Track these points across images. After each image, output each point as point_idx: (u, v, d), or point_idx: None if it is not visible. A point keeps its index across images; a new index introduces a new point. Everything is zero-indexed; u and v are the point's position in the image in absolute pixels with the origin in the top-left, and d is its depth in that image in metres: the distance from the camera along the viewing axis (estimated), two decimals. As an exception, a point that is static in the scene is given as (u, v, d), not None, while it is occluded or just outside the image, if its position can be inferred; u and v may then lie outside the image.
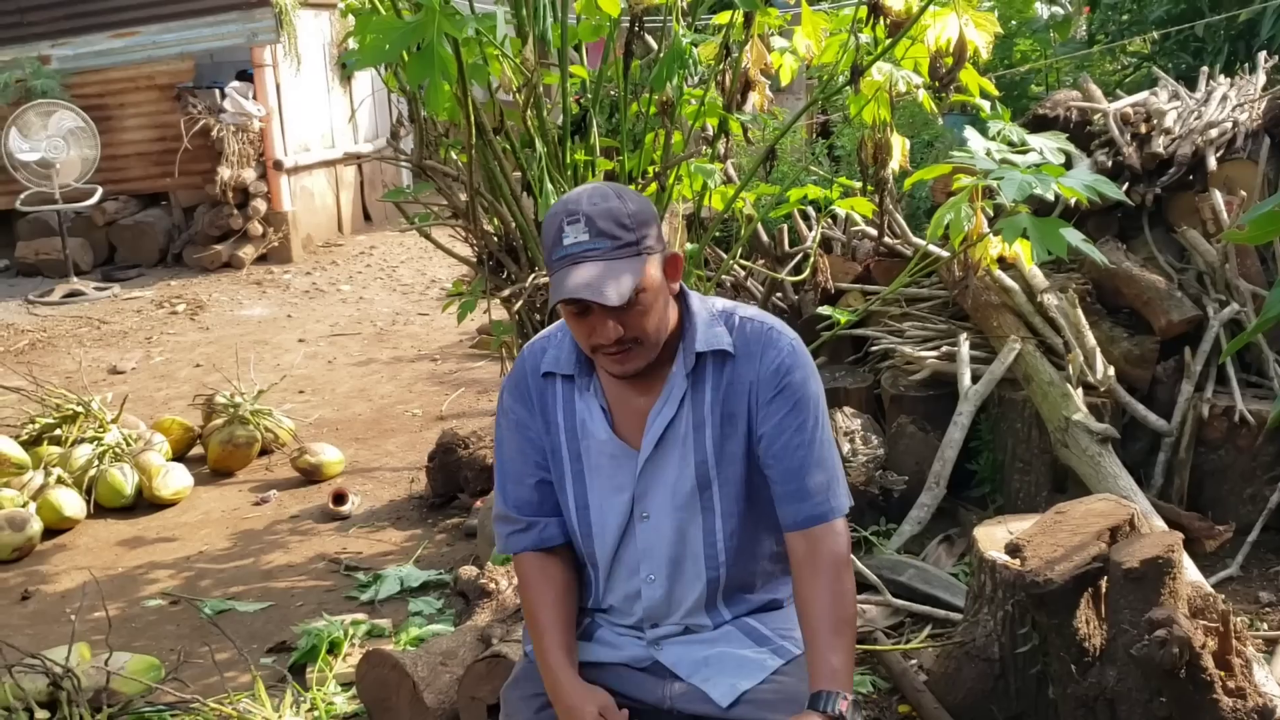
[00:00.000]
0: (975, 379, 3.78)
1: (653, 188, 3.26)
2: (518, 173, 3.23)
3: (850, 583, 1.80)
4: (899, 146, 3.22)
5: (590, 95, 3.26)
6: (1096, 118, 4.30)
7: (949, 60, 2.95)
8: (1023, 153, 2.91)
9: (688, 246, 3.40)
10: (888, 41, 2.96)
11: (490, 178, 3.18)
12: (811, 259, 3.76)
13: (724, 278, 4.17)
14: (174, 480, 4.63)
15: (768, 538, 1.89)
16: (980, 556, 2.67)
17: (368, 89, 10.12)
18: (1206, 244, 3.89)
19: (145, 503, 4.59)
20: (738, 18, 3.07)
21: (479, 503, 4.08)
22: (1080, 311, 3.72)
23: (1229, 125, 4.11)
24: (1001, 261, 3.25)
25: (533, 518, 1.91)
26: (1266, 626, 3.07)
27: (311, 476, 4.79)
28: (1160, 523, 3.18)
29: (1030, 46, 7.34)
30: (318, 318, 7.92)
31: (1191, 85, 4.73)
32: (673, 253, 1.82)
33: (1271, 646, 2.88)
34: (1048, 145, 2.93)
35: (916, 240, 4.12)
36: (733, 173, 3.96)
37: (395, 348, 7.02)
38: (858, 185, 3.41)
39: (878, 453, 3.75)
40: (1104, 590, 2.45)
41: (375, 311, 8.02)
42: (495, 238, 3.37)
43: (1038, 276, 3.83)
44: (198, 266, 9.47)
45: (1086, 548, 2.41)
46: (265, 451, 5.11)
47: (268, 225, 9.63)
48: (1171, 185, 4.02)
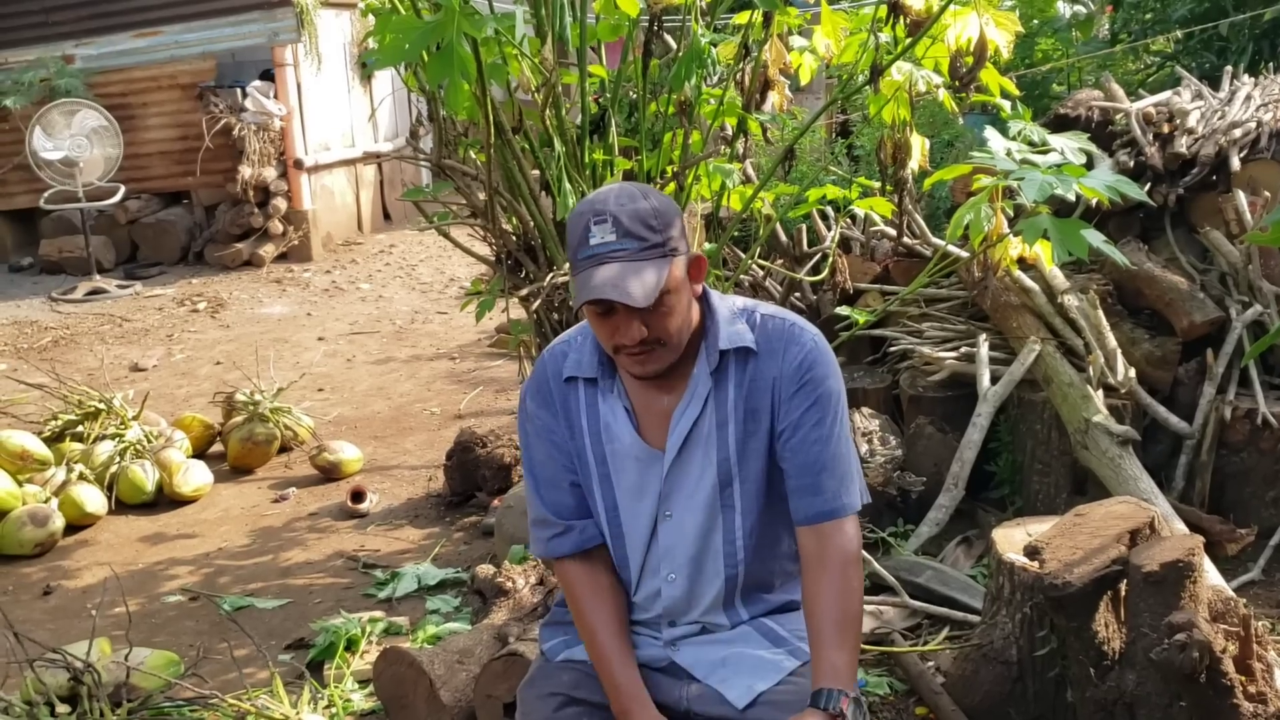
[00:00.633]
0: (994, 380, 3.76)
1: (671, 187, 3.26)
2: (536, 172, 3.24)
3: (858, 581, 1.79)
4: (918, 146, 3.20)
5: (609, 95, 3.26)
6: (1118, 117, 4.27)
7: (969, 59, 2.94)
8: (1044, 153, 2.90)
9: (706, 246, 3.40)
10: (908, 41, 2.95)
11: (509, 177, 3.19)
12: (830, 259, 3.75)
13: (742, 277, 4.16)
14: (194, 477, 4.66)
15: (786, 535, 1.89)
16: (999, 558, 2.66)
17: (388, 88, 10.15)
18: (1229, 245, 3.86)
19: (166, 499, 4.62)
20: (757, 17, 3.07)
21: (497, 501, 4.09)
22: (1101, 312, 3.70)
23: (1253, 125, 4.07)
24: (1021, 262, 3.23)
25: (571, 520, 1.90)
26: (1289, 631, 3.04)
27: (330, 474, 4.81)
28: (1181, 526, 3.15)
29: (1052, 45, 7.30)
30: (337, 316, 7.95)
31: (1215, 85, 4.69)
32: (696, 254, 1.82)
33: (1293, 651, 2.85)
34: (1069, 145, 2.92)
35: (936, 240, 4.10)
36: (751, 172, 3.95)
37: (414, 346, 7.04)
38: (877, 185, 3.40)
39: (896, 453, 3.73)
40: (1123, 593, 2.43)
41: (394, 310, 8.05)
42: (514, 237, 3.38)
43: (1058, 277, 3.81)
44: (219, 265, 9.52)
45: (1106, 550, 2.39)
46: (284, 449, 5.13)
47: (288, 224, 9.67)
48: (1194, 186, 3.99)
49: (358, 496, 4.45)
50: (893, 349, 4.15)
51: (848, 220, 4.46)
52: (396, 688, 2.80)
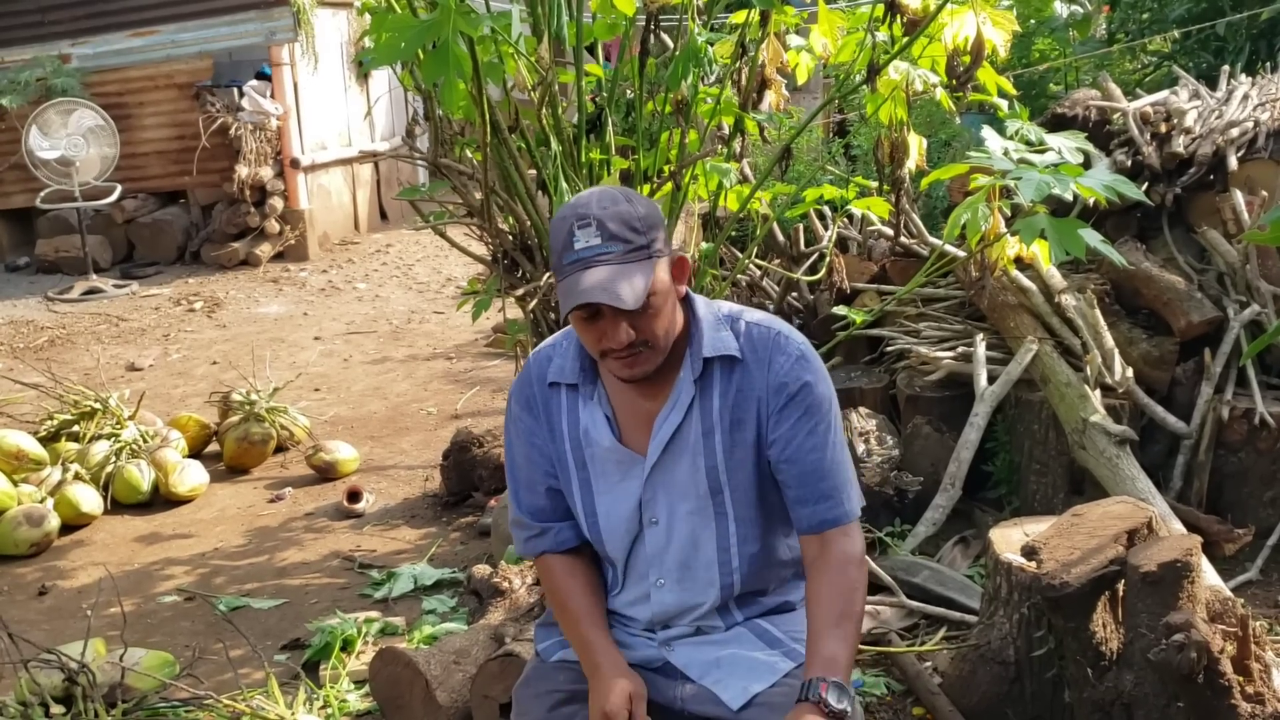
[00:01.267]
0: (992, 380, 3.75)
1: (668, 187, 3.25)
2: (533, 171, 3.23)
3: (860, 581, 1.78)
4: (915, 146, 3.20)
5: (606, 94, 3.25)
6: (1116, 117, 4.26)
7: (966, 59, 2.94)
8: (1041, 152, 2.89)
9: (703, 246, 3.39)
10: (905, 40, 2.94)
11: (505, 176, 3.18)
12: (827, 259, 3.74)
13: (739, 277, 4.15)
14: (190, 477, 4.65)
15: (781, 542, 1.89)
16: (996, 559, 2.65)
17: (385, 87, 10.14)
18: (1227, 244, 3.86)
19: (161, 499, 4.61)
20: (754, 16, 3.06)
21: (493, 501, 4.09)
22: (1098, 312, 3.69)
23: (1250, 125, 4.07)
24: (1019, 262, 3.23)
25: (546, 523, 1.92)
26: (1286, 631, 3.04)
27: (326, 474, 4.80)
28: (1179, 526, 3.15)
29: (1049, 45, 7.30)
30: (334, 316, 7.94)
31: (1212, 84, 4.68)
32: (680, 255, 1.82)
33: (1291, 651, 2.85)
34: (1066, 145, 2.91)
35: (933, 240, 4.10)
36: (748, 172, 3.95)
37: (411, 346, 7.03)
38: (874, 185, 3.39)
39: (893, 453, 3.73)
40: (1121, 594, 2.43)
41: (391, 310, 8.04)
42: (510, 236, 3.37)
43: (1055, 277, 3.81)
44: (215, 264, 9.51)
45: (1103, 550, 2.39)
46: (281, 449, 5.13)
47: (284, 223, 9.66)
48: (1191, 185, 3.98)
49: (354, 496, 4.44)
50: (890, 349, 4.15)
51: (845, 220, 4.45)
52: (392, 688, 2.79)
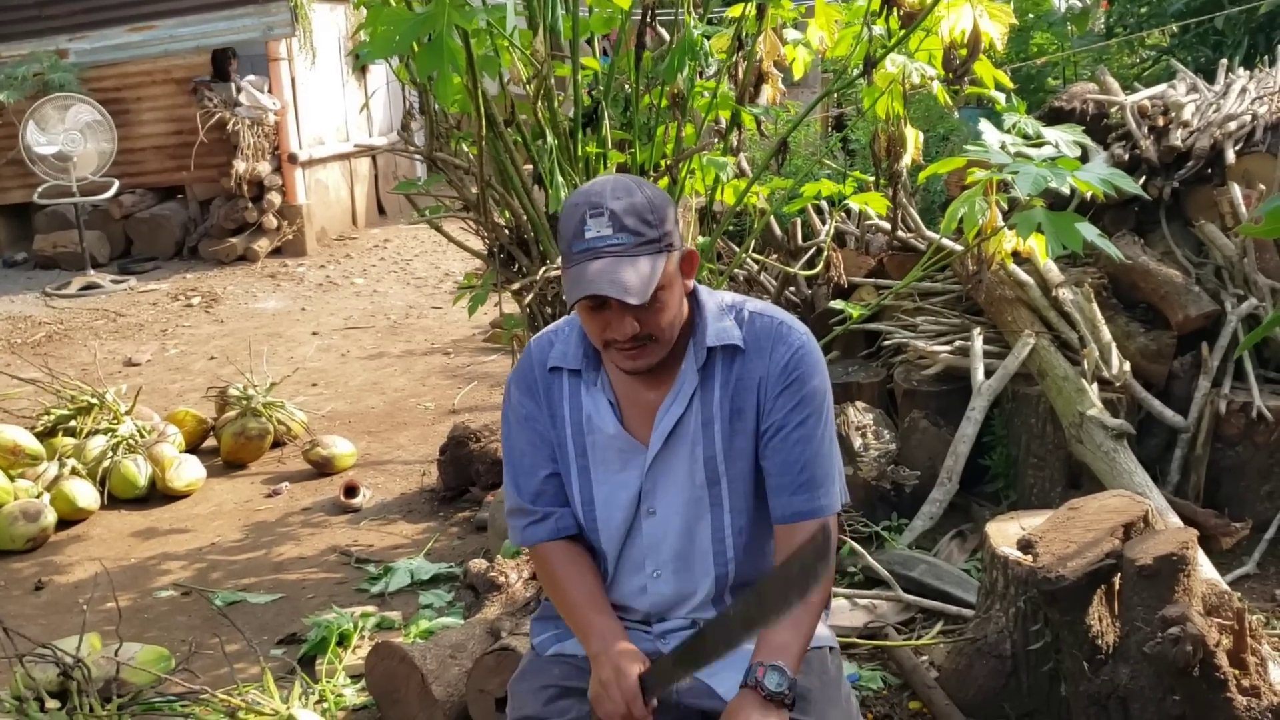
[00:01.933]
0: (989, 374, 3.75)
1: (665, 181, 3.24)
2: (529, 165, 3.22)
3: (825, 577, 1.76)
4: (912, 140, 3.19)
5: (602, 87, 3.24)
6: (1113, 111, 4.26)
7: (963, 52, 2.93)
8: (1038, 146, 2.88)
9: (700, 240, 3.38)
10: (901, 33, 2.93)
11: (501, 170, 3.17)
12: (825, 253, 3.74)
13: (736, 271, 4.15)
14: (187, 472, 4.65)
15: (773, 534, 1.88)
16: (992, 552, 2.65)
17: (382, 81, 10.11)
18: (1225, 238, 3.85)
19: (158, 494, 4.61)
20: (751, 10, 3.05)
21: (490, 496, 4.08)
22: (1096, 306, 3.69)
23: (1248, 118, 4.07)
24: (1016, 256, 3.22)
25: (548, 508, 1.90)
26: (1283, 625, 3.04)
27: (323, 469, 4.80)
28: (1176, 519, 3.15)
29: (1047, 39, 7.30)
30: (331, 311, 7.93)
31: (1210, 78, 4.68)
32: (689, 249, 1.81)
33: (1288, 645, 2.85)
34: (1063, 138, 2.90)
35: (930, 234, 4.09)
36: (746, 166, 3.94)
37: (408, 341, 7.02)
38: (871, 179, 3.38)
39: (890, 447, 3.73)
40: (1117, 587, 2.43)
41: (389, 305, 8.03)
42: (506, 230, 3.36)
43: (1053, 271, 3.80)
44: (213, 259, 9.50)
45: (1100, 544, 2.39)
46: (277, 444, 5.12)
47: (282, 218, 9.64)
48: (1189, 179, 3.98)
49: (351, 491, 4.44)
50: (887, 343, 4.15)
51: (842, 214, 4.45)
52: (388, 683, 2.79)
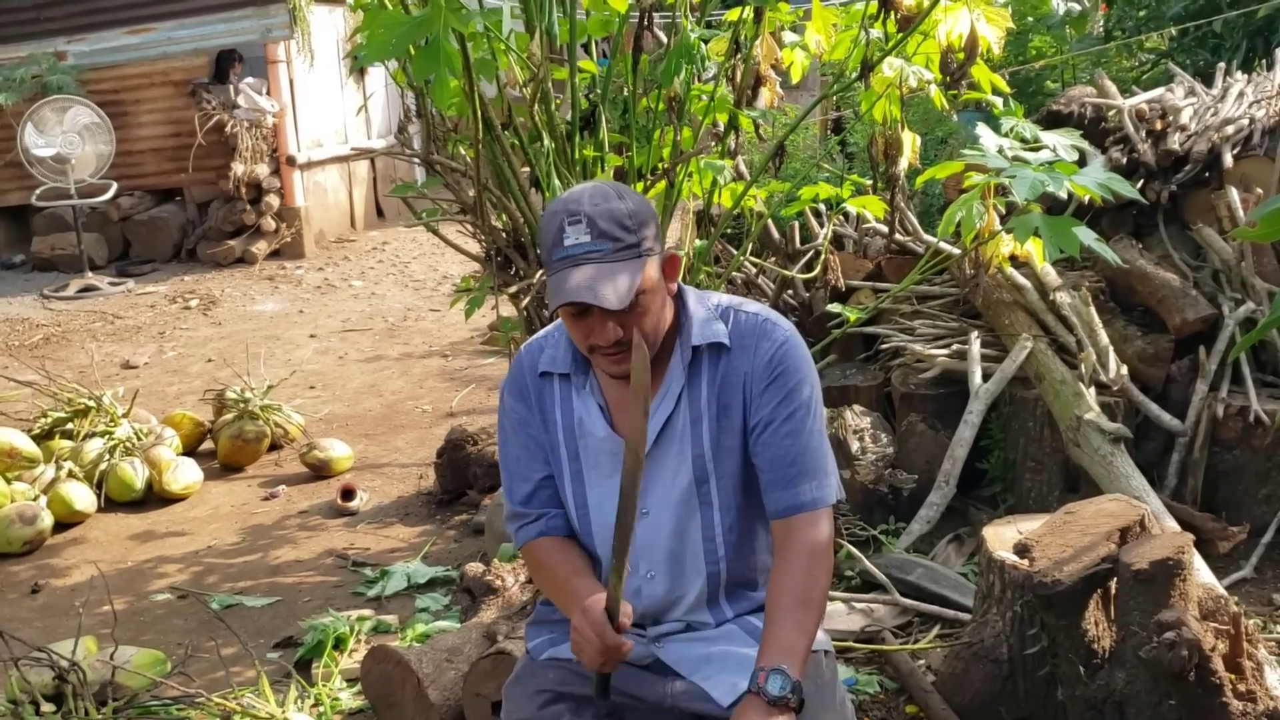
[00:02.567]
0: (986, 377, 3.75)
1: (662, 184, 3.24)
2: (526, 168, 3.22)
3: (822, 571, 1.76)
4: (909, 143, 3.19)
5: (600, 90, 3.24)
6: (1111, 114, 4.26)
7: (960, 56, 2.93)
8: (1036, 150, 2.88)
9: (697, 243, 3.38)
10: (899, 37, 2.93)
11: (498, 173, 3.17)
12: (822, 256, 3.73)
13: (734, 275, 4.15)
14: (184, 475, 4.64)
15: (766, 531, 1.88)
16: (989, 556, 2.65)
17: (380, 84, 10.11)
18: (1222, 242, 3.85)
19: (155, 497, 4.61)
20: (749, 13, 3.05)
21: (487, 499, 4.07)
22: (1093, 310, 3.69)
23: (1246, 122, 4.07)
24: (1013, 259, 3.21)
25: (543, 509, 1.90)
26: (1280, 629, 3.04)
27: (320, 472, 4.80)
28: (1173, 523, 3.15)
29: (1046, 42, 7.30)
30: (329, 313, 7.93)
31: (1209, 82, 4.68)
32: (671, 253, 1.81)
33: (1285, 649, 2.85)
34: (1061, 142, 2.90)
35: (928, 237, 4.09)
36: (743, 169, 3.94)
37: (406, 344, 7.02)
38: (869, 182, 3.38)
39: (887, 451, 3.72)
40: (1114, 591, 2.42)
41: (387, 307, 8.03)
42: (503, 234, 3.36)
43: (1050, 274, 3.80)
44: (211, 262, 9.50)
45: (1096, 548, 2.39)
46: (275, 447, 5.12)
47: (281, 221, 9.64)
48: (1187, 182, 3.98)
49: (348, 494, 4.44)
50: (885, 346, 4.14)
51: (840, 217, 4.44)
52: (384, 686, 2.78)
